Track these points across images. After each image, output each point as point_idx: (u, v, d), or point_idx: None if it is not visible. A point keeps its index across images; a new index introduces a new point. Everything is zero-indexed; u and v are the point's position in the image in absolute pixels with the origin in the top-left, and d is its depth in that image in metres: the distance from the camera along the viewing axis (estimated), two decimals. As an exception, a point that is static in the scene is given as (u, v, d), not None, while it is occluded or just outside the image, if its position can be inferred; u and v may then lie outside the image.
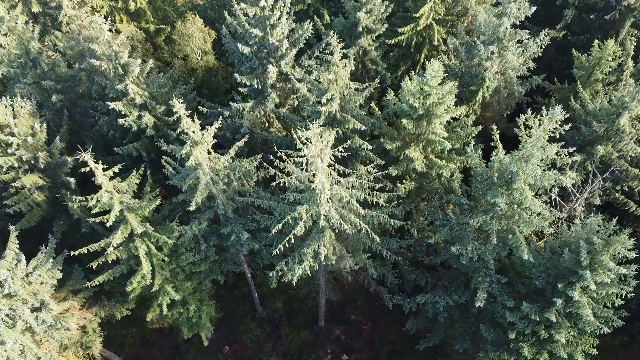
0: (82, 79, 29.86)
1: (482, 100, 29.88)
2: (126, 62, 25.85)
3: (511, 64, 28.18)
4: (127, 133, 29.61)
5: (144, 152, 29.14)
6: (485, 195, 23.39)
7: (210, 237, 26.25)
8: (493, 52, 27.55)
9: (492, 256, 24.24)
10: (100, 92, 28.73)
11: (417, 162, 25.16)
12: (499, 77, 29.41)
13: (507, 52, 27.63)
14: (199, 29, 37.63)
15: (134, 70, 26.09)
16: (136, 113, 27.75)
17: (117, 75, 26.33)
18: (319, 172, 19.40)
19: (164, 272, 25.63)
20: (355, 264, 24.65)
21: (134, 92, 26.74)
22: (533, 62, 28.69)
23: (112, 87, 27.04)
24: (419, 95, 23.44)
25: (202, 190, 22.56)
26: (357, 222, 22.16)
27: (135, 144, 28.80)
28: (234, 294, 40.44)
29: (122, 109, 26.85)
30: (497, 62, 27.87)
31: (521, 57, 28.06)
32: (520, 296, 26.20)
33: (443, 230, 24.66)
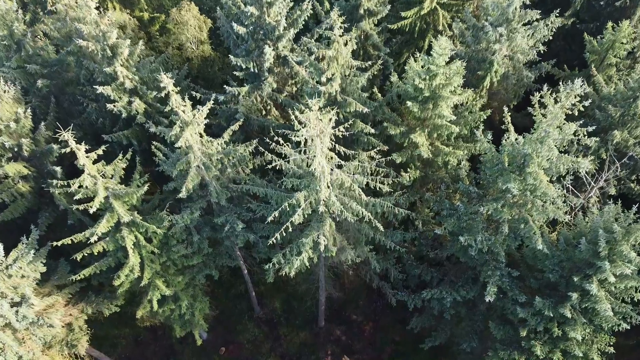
0: (70, 65, 28.48)
1: (490, 86, 28.47)
2: (114, 43, 24.46)
3: (520, 47, 26.80)
4: (117, 120, 28.21)
5: (134, 140, 27.73)
6: (496, 182, 21.95)
7: (203, 228, 24.77)
8: (502, 35, 26.15)
9: (502, 248, 22.75)
10: (88, 77, 27.34)
11: (422, 148, 23.72)
12: (507, 63, 28.01)
13: (516, 35, 26.25)
14: (194, 16, 36.25)
15: (123, 52, 24.70)
16: (126, 99, 26.36)
17: (105, 57, 24.95)
18: (319, 153, 17.95)
19: (153, 266, 24.14)
20: (357, 257, 23.17)
21: (123, 75, 25.35)
22: (543, 46, 27.27)
23: (101, 70, 25.65)
24: (425, 75, 22.03)
25: (193, 176, 21.10)
26: (359, 209, 20.70)
27: (126, 132, 27.40)
28: (231, 292, 38.93)
29: (111, 94, 25.45)
30: (505, 45, 26.48)
31: (531, 39, 26.66)
32: (532, 291, 24.71)
33: (450, 220, 23.19)
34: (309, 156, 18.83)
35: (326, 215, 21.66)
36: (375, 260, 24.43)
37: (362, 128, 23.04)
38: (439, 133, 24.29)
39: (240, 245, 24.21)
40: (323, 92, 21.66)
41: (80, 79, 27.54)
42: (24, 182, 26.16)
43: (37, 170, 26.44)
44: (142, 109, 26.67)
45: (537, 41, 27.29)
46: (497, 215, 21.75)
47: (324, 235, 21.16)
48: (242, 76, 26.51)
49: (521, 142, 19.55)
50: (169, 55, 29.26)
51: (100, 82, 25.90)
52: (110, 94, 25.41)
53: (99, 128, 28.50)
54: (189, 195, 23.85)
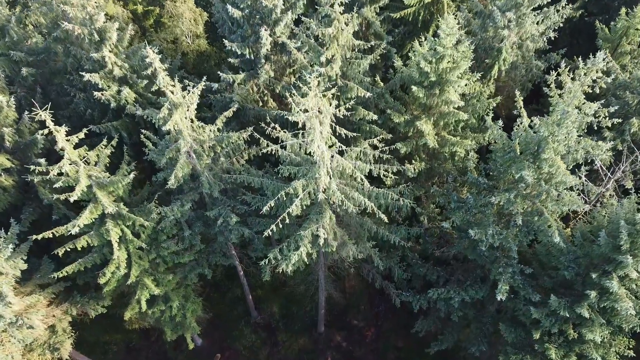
0: (58, 54, 27.16)
1: (498, 77, 27.16)
2: (102, 27, 23.15)
3: (530, 33, 25.53)
4: (106, 112, 26.83)
5: (124, 132, 26.30)
6: (507, 172, 20.52)
7: (195, 223, 23.27)
8: (510, 20, 24.88)
9: (514, 243, 21.22)
10: (76, 66, 26.00)
11: (428, 137, 22.30)
12: (516, 52, 26.70)
13: (526, 20, 24.97)
14: (189, 8, 35.15)
15: (111, 37, 23.39)
16: (115, 88, 24.99)
17: (92, 42, 23.63)
18: (317, 136, 16.53)
19: (142, 263, 22.61)
20: (359, 253, 21.64)
21: (111, 62, 24.02)
22: (554, 32, 25.96)
23: (88, 57, 24.34)
24: (431, 57, 20.69)
25: (183, 164, 19.66)
26: (361, 200, 19.23)
27: (115, 123, 26.00)
28: (227, 296, 37.34)
29: (99, 81, 24.10)
30: (514, 32, 25.19)
31: (541, 25, 25.36)
32: (545, 291, 23.14)
33: (458, 214, 21.69)
34: (307, 140, 17.40)
35: (326, 207, 20.20)
36: (378, 257, 22.89)
37: (365, 115, 21.61)
38: (445, 121, 22.89)
39: (234, 240, 22.70)
40: (322, 74, 20.27)
41: (67, 67, 26.20)
42: (7, 176, 24.73)
43: (21, 163, 25.01)
44: (132, 98, 25.31)
45: (547, 28, 25.99)
46: (510, 206, 20.26)
47: (324, 227, 19.67)
48: (238, 64, 25.18)
49: (537, 125, 18.09)
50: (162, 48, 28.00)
51: (88, 70, 24.56)
52: (98, 81, 24.07)
53: (87, 120, 27.11)
54: (179, 187, 22.46)
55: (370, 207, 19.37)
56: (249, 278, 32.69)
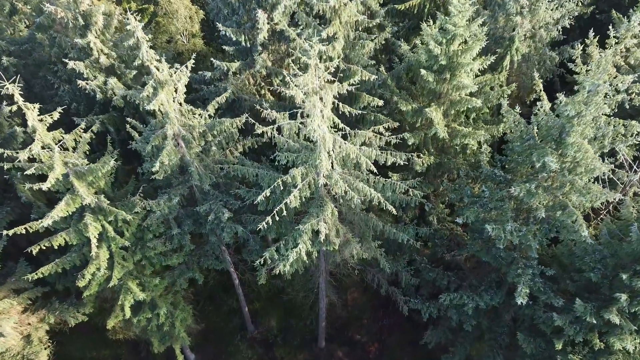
0: (43, 45, 25.60)
1: (510, 70, 25.53)
2: (87, 10, 21.59)
3: (544, 21, 23.99)
4: (93, 105, 25.14)
5: (111, 127, 24.56)
6: (527, 161, 18.71)
7: (184, 221, 21.33)
8: (523, 7, 23.38)
9: (535, 241, 19.26)
10: (61, 56, 24.39)
11: (438, 127, 20.52)
12: (529, 42, 25.12)
13: (540, 6, 23.45)
14: (185, 6, 33.78)
15: (97, 22, 21.81)
16: (102, 78, 23.34)
17: (77, 28, 22.06)
18: (317, 115, 14.76)
19: (125, 264, 20.61)
20: (363, 252, 19.65)
21: (97, 49, 22.41)
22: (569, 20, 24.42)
23: (73, 45, 22.75)
24: (441, 38, 19.07)
25: (170, 151, 17.84)
26: (367, 190, 17.35)
27: (101, 117, 24.27)
28: (222, 309, 35.13)
29: (83, 70, 22.46)
30: (527, 19, 23.65)
31: (556, 11, 23.84)
32: (567, 296, 21.10)
33: (473, 209, 19.78)
34: (306, 121, 15.61)
35: (327, 200, 18.32)
36: (384, 258, 20.90)
37: (369, 102, 19.85)
38: (457, 110, 21.14)
39: (227, 239, 20.73)
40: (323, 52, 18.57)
41: (52, 57, 24.59)
42: (-17, 172, 22.96)
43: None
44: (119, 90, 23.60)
45: (562, 16, 24.46)
46: (530, 199, 18.36)
47: (325, 222, 17.75)
48: (232, 52, 23.57)
49: (562, 103, 16.32)
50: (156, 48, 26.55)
51: (72, 58, 22.95)
52: (83, 70, 22.42)
53: (72, 114, 25.38)
54: (167, 181, 20.61)
55: (376, 199, 17.47)
56: (244, 288, 30.57)
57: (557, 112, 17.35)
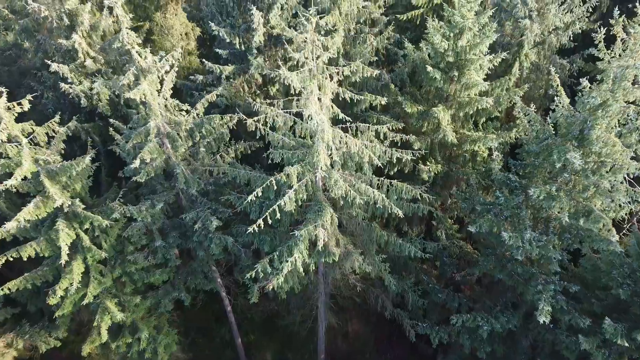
0: (29, 52, 24.40)
1: (518, 78, 24.21)
2: (73, 9, 20.43)
3: (553, 26, 22.86)
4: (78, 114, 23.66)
5: (96, 137, 23.02)
6: (545, 163, 17.08)
7: (169, 233, 19.48)
8: (532, 10, 22.28)
9: (556, 253, 17.34)
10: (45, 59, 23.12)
11: (446, 129, 18.95)
12: (538, 49, 23.92)
13: (549, 9, 22.36)
14: (180, 21, 32.84)
15: (83, 22, 20.62)
16: (88, 84, 21.99)
17: (62, 29, 20.87)
18: (314, 101, 13.22)
19: (103, 280, 18.62)
20: (366, 266, 17.67)
21: (83, 51, 21.14)
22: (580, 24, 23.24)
23: (58, 48, 21.52)
24: (449, 32, 17.77)
25: (152, 148, 16.20)
26: (370, 192, 15.61)
27: (86, 125, 22.79)
28: (214, 342, 32.61)
29: (67, 74, 21.12)
30: (536, 23, 22.50)
31: (567, 15, 22.71)
32: (593, 316, 18.98)
33: (487, 217, 17.95)
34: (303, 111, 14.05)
35: (326, 205, 16.54)
36: (389, 275, 18.91)
37: (372, 101, 18.35)
38: (466, 113, 19.63)
39: (215, 253, 18.83)
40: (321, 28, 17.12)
41: (36, 62, 23.33)
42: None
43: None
44: (106, 96, 22.24)
45: (572, 21, 23.32)
46: (550, 203, 16.56)
47: (324, 227, 15.92)
48: (226, 55, 22.30)
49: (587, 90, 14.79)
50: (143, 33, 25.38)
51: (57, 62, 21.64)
52: (66, 73, 21.08)
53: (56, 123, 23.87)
54: (152, 188, 18.90)
55: (380, 201, 15.70)
56: (237, 317, 28.27)
57: (578, 107, 15.82)
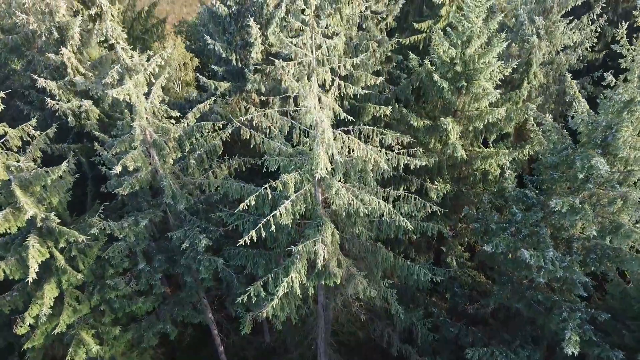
0: (18, 72, 23.56)
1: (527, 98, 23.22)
2: (63, 23, 19.63)
3: (562, 44, 22.11)
4: (66, 136, 22.55)
5: (83, 158, 21.73)
6: (565, 175, 15.68)
7: (155, 256, 17.78)
8: (539, 28, 21.55)
9: (582, 276, 15.58)
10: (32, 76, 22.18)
11: (456, 145, 17.65)
12: (547, 69, 23.06)
13: (557, 27, 21.65)
14: (178, 52, 32.45)
15: (74, 36, 19.79)
16: (76, 102, 20.92)
17: (51, 43, 20.02)
18: (312, 93, 12.00)
19: (79, 307, 16.78)
20: (371, 290, 15.86)
21: (73, 67, 20.20)
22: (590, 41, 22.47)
23: (47, 64, 20.63)
24: (457, 38, 16.81)
25: (137, 156, 14.82)
26: (374, 203, 14.11)
27: (72, 145, 21.56)
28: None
29: (55, 91, 20.10)
30: (545, 41, 21.73)
31: (575, 32, 21.96)
32: (624, 349, 16.97)
33: (503, 236, 16.32)
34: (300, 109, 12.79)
35: (326, 219, 15.00)
36: (396, 302, 17.05)
37: (375, 112, 17.14)
38: (475, 128, 18.40)
39: (205, 277, 17.08)
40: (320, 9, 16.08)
41: (24, 82, 22.40)
42: None
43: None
44: (95, 116, 21.14)
45: (581, 41, 22.56)
46: (573, 217, 14.97)
47: (323, 242, 14.31)
48: (222, 72, 21.35)
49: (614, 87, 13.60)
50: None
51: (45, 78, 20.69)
52: (54, 90, 20.06)
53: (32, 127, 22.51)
54: (137, 206, 17.40)
55: (387, 213, 14.18)
56: (230, 357, 25.95)
57: (600, 110, 14.61)
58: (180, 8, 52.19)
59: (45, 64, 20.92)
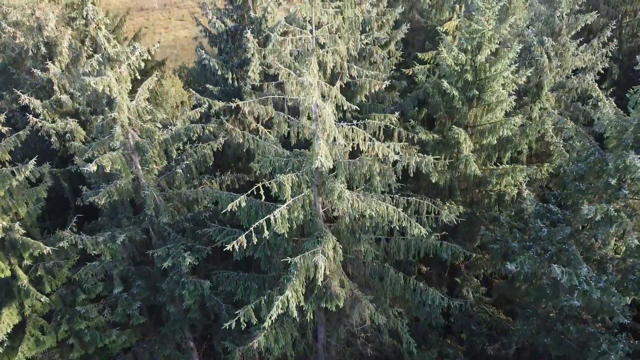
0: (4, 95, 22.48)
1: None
2: (51, 38, 18.75)
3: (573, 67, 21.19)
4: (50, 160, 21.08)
5: (65, 183, 20.15)
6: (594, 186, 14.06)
7: (134, 282, 15.74)
8: (548, 48, 20.71)
9: (621, 299, 13.53)
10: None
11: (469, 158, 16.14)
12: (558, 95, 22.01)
13: (568, 49, 20.82)
14: (176, 90, 31.71)
15: (62, 51, 18.86)
16: (62, 123, 19.64)
17: (38, 59, 19.07)
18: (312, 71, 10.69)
19: (43, 339, 14.57)
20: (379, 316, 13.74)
21: (60, 85, 19.13)
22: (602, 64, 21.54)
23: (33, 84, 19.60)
24: (467, 43, 15.78)
25: (115, 157, 13.25)
26: (382, 208, 12.40)
27: (55, 170, 20.02)
28: None
29: (39, 108, 18.88)
30: (555, 62, 20.82)
31: (588, 53, 21.07)
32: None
33: (527, 255, 14.40)
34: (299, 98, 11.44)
35: (327, 231, 13.22)
36: (407, 334, 14.84)
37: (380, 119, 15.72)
38: (489, 143, 16.96)
39: (189, 304, 14.98)
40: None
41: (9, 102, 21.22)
42: None
43: None
44: (80, 137, 19.77)
45: (593, 64, 21.65)
46: (607, 228, 13.18)
47: (324, 253, 12.45)
48: (217, 92, 20.24)
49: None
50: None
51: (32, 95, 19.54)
52: (38, 109, 18.84)
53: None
54: (117, 222, 15.64)
55: (397, 220, 12.43)
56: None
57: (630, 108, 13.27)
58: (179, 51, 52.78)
59: (31, 83, 19.88)
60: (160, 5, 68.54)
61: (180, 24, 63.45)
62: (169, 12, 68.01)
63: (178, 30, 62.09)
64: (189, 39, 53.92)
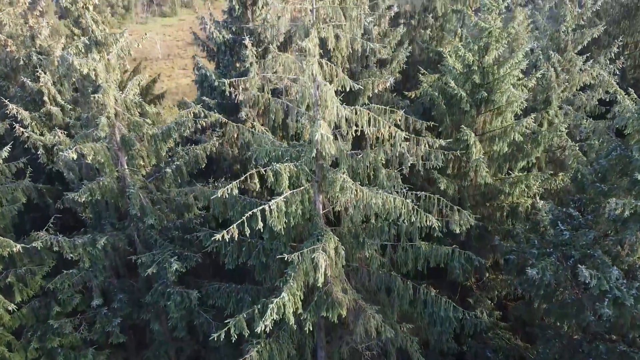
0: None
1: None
2: (44, 48, 18.22)
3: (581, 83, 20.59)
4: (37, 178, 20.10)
5: (49, 199, 19.02)
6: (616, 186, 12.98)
7: (116, 296, 14.30)
8: (554, 63, 20.20)
9: (655, 309, 12.12)
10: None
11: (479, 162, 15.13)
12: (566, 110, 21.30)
13: (575, 64, 20.30)
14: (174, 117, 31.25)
15: (54, 61, 18.28)
16: (50, 137, 18.80)
17: (30, 66, 18.48)
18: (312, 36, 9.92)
19: (10, 357, 12.99)
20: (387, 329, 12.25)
21: (50, 95, 18.44)
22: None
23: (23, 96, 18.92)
24: (473, 44, 15.15)
25: (98, 149, 12.21)
26: (389, 201, 11.25)
27: (40, 185, 18.96)
28: None
29: (27, 118, 18.11)
30: (562, 77, 20.24)
31: (596, 68, 20.50)
32: None
33: (548, 260, 13.08)
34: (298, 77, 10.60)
35: (328, 230, 12.02)
36: (418, 352, 13.26)
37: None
38: (500, 150, 15.98)
39: (176, 323, 13.50)
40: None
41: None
42: None
43: None
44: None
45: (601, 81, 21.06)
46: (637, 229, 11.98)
47: (324, 250, 11.19)
48: (213, 105, 19.49)
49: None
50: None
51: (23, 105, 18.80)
52: (26, 120, 18.07)
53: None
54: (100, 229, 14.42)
55: (406, 213, 11.26)
56: None
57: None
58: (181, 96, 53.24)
59: (21, 96, 19.20)
60: (164, 55, 70.28)
61: (182, 72, 64.62)
62: (172, 61, 69.57)
63: (180, 78, 63.18)
64: (191, 85, 54.70)
